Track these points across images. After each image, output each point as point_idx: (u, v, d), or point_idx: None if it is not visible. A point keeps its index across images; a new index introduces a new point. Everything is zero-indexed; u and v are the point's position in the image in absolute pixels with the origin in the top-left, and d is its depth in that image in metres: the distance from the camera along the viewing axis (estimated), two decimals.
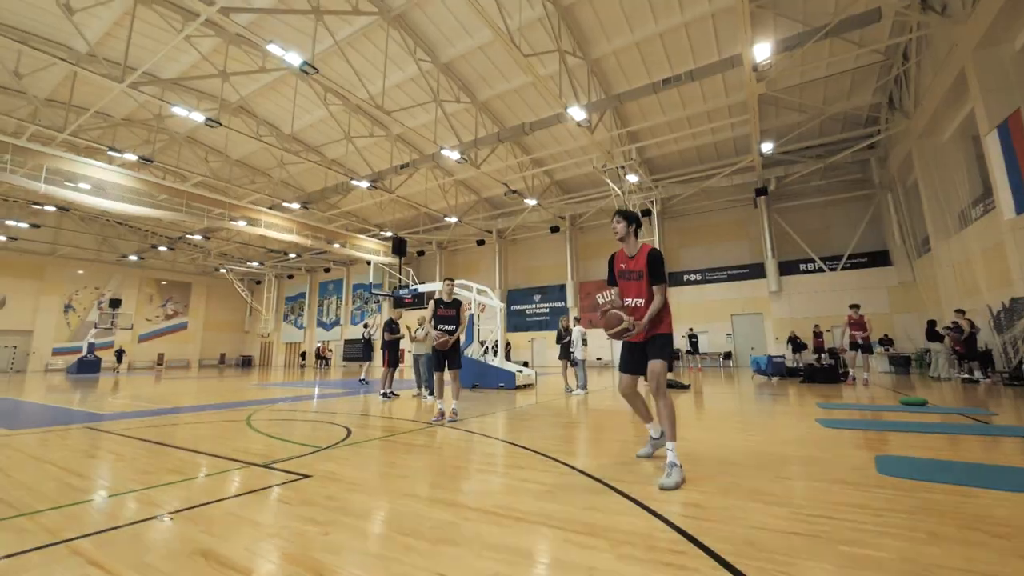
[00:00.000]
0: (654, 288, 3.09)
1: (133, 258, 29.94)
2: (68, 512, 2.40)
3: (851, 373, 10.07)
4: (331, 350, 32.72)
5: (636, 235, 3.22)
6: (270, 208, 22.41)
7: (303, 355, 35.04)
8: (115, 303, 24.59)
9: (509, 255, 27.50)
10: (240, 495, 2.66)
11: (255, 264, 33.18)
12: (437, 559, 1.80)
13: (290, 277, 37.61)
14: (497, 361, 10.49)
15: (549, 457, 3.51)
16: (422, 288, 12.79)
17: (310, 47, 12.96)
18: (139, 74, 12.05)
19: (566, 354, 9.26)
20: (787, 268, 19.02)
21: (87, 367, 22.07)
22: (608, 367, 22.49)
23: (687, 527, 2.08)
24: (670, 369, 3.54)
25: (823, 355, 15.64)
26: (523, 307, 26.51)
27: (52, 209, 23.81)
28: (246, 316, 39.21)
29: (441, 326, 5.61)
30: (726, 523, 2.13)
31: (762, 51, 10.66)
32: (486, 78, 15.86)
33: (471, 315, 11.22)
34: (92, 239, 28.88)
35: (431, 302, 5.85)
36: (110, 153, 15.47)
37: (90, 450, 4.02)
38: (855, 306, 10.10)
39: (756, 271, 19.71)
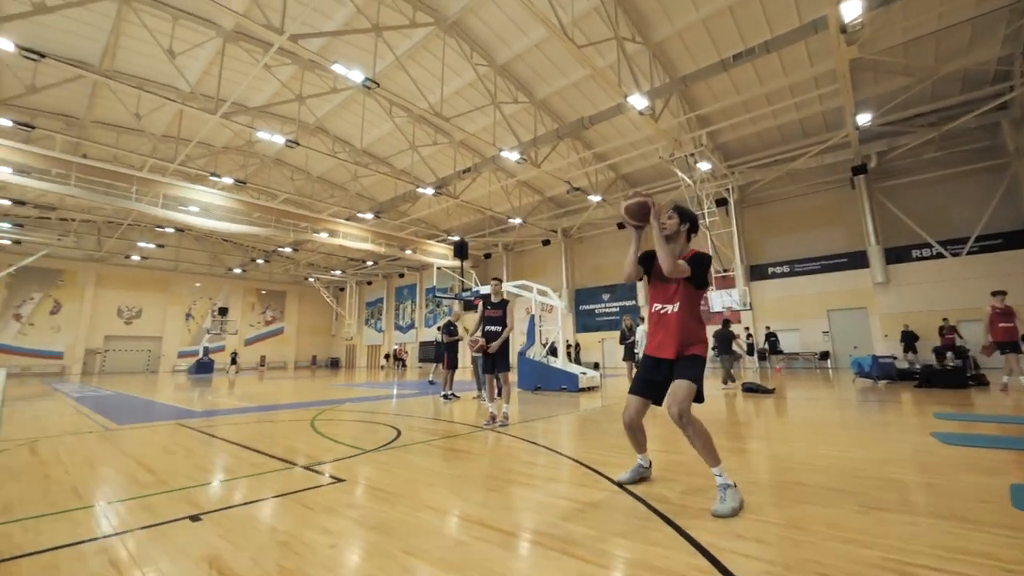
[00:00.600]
0: (693, 292, 2.63)
1: (237, 271, 33.57)
2: (114, 508, 2.55)
3: (1005, 380, 8.10)
4: (407, 352, 34.31)
5: (688, 238, 2.76)
6: (347, 219, 23.91)
7: (387, 357, 37.11)
8: (223, 311, 27.65)
9: (575, 254, 26.96)
10: (273, 497, 2.68)
11: (338, 272, 35.67)
12: None
13: (369, 283, 39.97)
14: (559, 362, 10.19)
15: (593, 470, 3.20)
16: (484, 290, 12.83)
17: (375, 64, 13.62)
18: (228, 105, 13.36)
19: (630, 355, 8.74)
20: (896, 255, 16.57)
21: (203, 368, 25.01)
22: None
23: (737, 569, 1.70)
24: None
25: (947, 355, 13.33)
26: (592, 307, 25.84)
27: (171, 231, 27.36)
28: (332, 321, 42.30)
29: (488, 327, 5.47)
30: (791, 567, 1.72)
31: (851, 9, 9.31)
32: (543, 75, 15.63)
33: (532, 316, 11.03)
34: (205, 255, 32.83)
35: (479, 302, 5.74)
36: (211, 178, 17.42)
37: (169, 446, 4.38)
38: (1000, 293, 8.20)
39: (856, 260, 17.41)
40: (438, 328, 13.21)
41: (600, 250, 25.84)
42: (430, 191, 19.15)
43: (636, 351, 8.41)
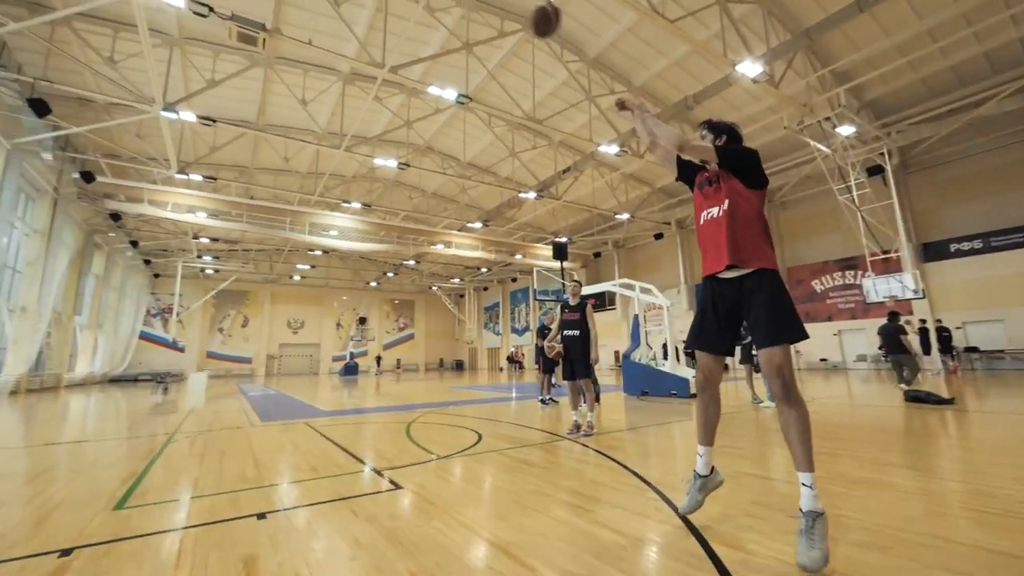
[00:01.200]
0: (749, 192, 2.15)
1: (373, 284, 37.86)
2: (208, 500, 2.93)
3: None
4: (523, 354, 35.11)
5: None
6: (459, 230, 25.37)
7: (509, 359, 38.53)
8: (362, 320, 31.34)
9: (693, 246, 24.84)
10: (333, 501, 2.83)
11: (456, 280, 38.04)
12: None
13: (485, 289, 41.86)
14: (668, 365, 9.38)
15: (659, 493, 2.79)
16: (589, 290, 12.45)
17: (468, 80, 14.24)
18: (349, 139, 15.09)
19: (748, 356, 7.65)
20: None
21: (349, 371, 28.66)
22: (837, 369, 17.98)
23: None
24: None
25: None
26: None
27: (319, 253, 31.93)
28: (455, 326, 45.21)
29: (566, 331, 5.22)
30: None
31: None
32: (639, 60, 14.72)
33: (636, 316, 10.37)
34: (348, 272, 37.68)
35: (558, 306, 5.52)
36: (343, 204, 19.88)
37: (285, 444, 4.99)
38: None
39: None
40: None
41: None
42: (532, 195, 19.34)
43: (754, 352, 7.31)
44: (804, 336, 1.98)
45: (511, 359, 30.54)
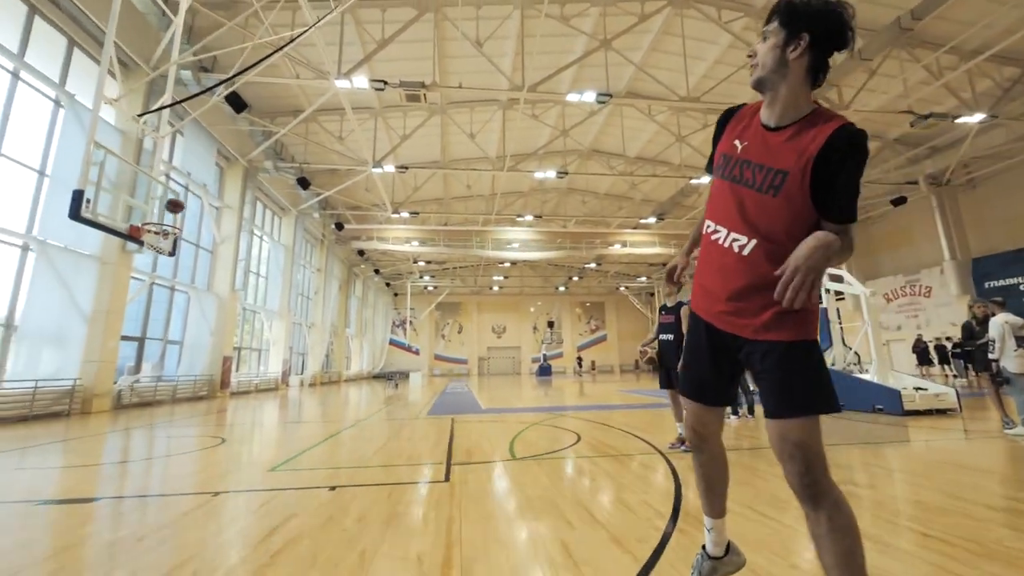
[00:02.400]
0: (830, 228, 1.23)
1: (561, 288, 39.63)
2: (316, 472, 3.83)
3: None
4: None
5: (811, 74, 1.27)
6: (634, 228, 24.57)
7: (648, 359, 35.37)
8: (550, 324, 33.15)
9: (962, 206, 18.23)
10: (386, 484, 3.37)
11: (643, 279, 36.65)
12: None
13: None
14: (871, 373, 7.28)
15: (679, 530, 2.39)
16: None
17: (623, 73, 13.90)
18: (513, 158, 16.45)
19: (983, 364, 5.37)
20: None
21: (543, 372, 30.71)
22: None
23: None
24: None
25: None
26: (1014, 281, 16.71)
27: (508, 265, 35.19)
28: (649, 325, 43.44)
29: (662, 335, 4.73)
30: None
31: None
32: None
33: (823, 311, 8.36)
34: (539, 279, 40.45)
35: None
36: (517, 219, 21.64)
37: (408, 434, 5.94)
38: None
39: None
40: None
41: (1010, 193, 16.57)
42: (706, 179, 17.40)
43: (993, 355, 5.10)
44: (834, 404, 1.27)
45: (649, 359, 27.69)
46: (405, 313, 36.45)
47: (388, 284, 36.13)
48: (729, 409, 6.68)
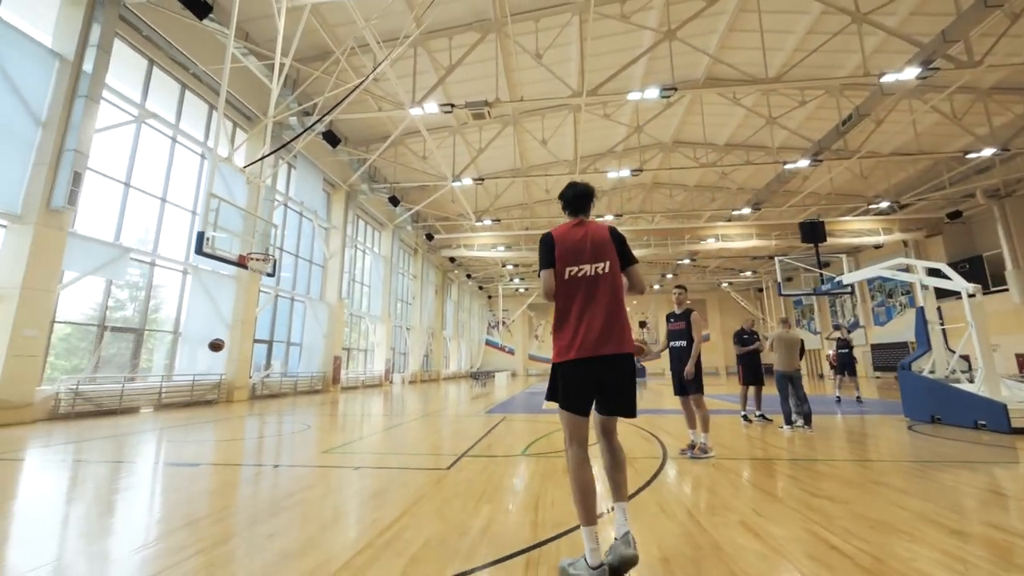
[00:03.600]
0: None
1: (656, 287, 38.02)
2: (357, 456, 4.61)
3: None
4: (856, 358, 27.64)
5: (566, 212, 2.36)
6: (728, 220, 22.83)
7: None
8: (643, 324, 32.09)
9: None
10: (399, 468, 4.00)
11: (748, 273, 33.66)
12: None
13: (789, 279, 35.10)
14: (976, 384, 6.19)
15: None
16: (850, 278, 9.41)
17: (696, 60, 13.24)
18: (590, 158, 16.52)
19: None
20: None
21: (640, 372, 29.93)
22: None
23: None
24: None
25: None
26: None
27: None
28: (759, 325, 39.65)
29: (671, 342, 4.71)
30: None
31: None
32: None
33: (920, 310, 7.27)
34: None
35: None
36: (597, 219, 21.47)
37: (478, 430, 6.57)
38: None
39: None
40: (836, 327, 10.71)
41: None
42: (803, 163, 15.69)
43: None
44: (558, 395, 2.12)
45: (831, 363, 24.52)
46: (499, 314, 37.98)
47: (481, 287, 37.99)
48: (783, 419, 6.23)
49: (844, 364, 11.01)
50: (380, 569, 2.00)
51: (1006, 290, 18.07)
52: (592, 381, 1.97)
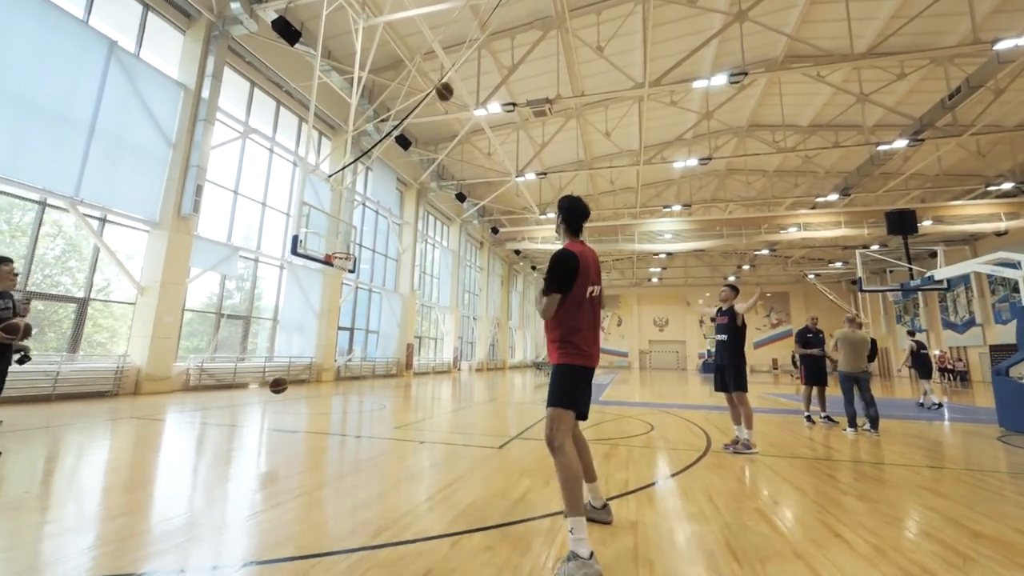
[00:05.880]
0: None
1: (731, 278, 36.01)
2: (422, 434, 5.25)
3: None
4: (961, 359, 24.65)
5: (570, 231, 2.39)
6: (812, 208, 21.15)
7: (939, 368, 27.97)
8: (713, 318, 30.71)
9: None
10: (438, 443, 4.56)
11: (838, 264, 30.83)
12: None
13: (890, 272, 31.63)
14: None
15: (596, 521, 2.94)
16: (943, 273, 8.54)
17: (769, 40, 12.52)
18: (656, 147, 16.20)
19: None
20: None
21: (707, 368, 28.79)
22: None
23: None
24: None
25: None
26: None
27: (664, 256, 33.61)
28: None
29: (718, 335, 4.80)
30: None
31: None
32: None
33: (1019, 308, 6.55)
34: (706, 269, 37.51)
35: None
36: (664, 209, 20.91)
37: (529, 417, 7.06)
38: None
39: None
40: (909, 333, 9.81)
41: None
42: (901, 143, 14.20)
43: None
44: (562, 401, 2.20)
45: (939, 364, 21.95)
46: None
47: None
48: (846, 421, 5.99)
49: (919, 366, 9.60)
50: (434, 515, 2.50)
51: None
52: (588, 387, 2.30)
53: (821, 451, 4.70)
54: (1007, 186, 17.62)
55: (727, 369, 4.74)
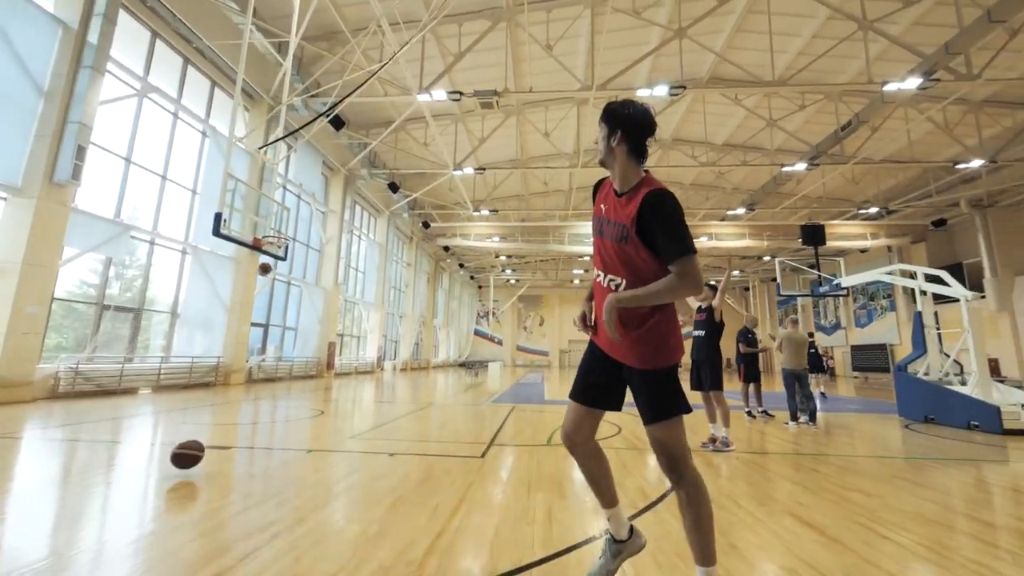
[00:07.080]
0: (664, 267, 1.52)
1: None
2: (387, 442, 4.65)
3: None
4: (832, 357, 28.66)
5: (634, 155, 1.62)
6: (721, 220, 23.20)
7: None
8: None
9: None
10: (408, 454, 4.07)
11: (736, 273, 34.28)
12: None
13: (773, 280, 35.93)
14: (970, 387, 6.52)
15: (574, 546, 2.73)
16: (851, 280, 9.72)
17: (704, 59, 13.34)
18: (584, 153, 16.54)
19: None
20: None
21: None
22: None
23: None
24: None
25: None
26: None
27: (588, 258, 34.93)
28: (742, 322, 40.53)
29: (695, 332, 4.87)
30: None
31: None
32: None
33: (917, 314, 7.58)
34: None
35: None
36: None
37: (457, 417, 6.65)
38: None
39: None
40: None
41: None
42: (800, 166, 16.02)
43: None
44: (683, 409, 1.64)
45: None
46: (489, 305, 38.00)
47: (472, 277, 37.93)
48: (789, 415, 6.47)
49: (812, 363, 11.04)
50: (468, 556, 2.07)
51: (983, 297, 18.82)
52: None
53: (787, 446, 4.94)
54: (872, 210, 20.76)
55: (704, 365, 4.80)
